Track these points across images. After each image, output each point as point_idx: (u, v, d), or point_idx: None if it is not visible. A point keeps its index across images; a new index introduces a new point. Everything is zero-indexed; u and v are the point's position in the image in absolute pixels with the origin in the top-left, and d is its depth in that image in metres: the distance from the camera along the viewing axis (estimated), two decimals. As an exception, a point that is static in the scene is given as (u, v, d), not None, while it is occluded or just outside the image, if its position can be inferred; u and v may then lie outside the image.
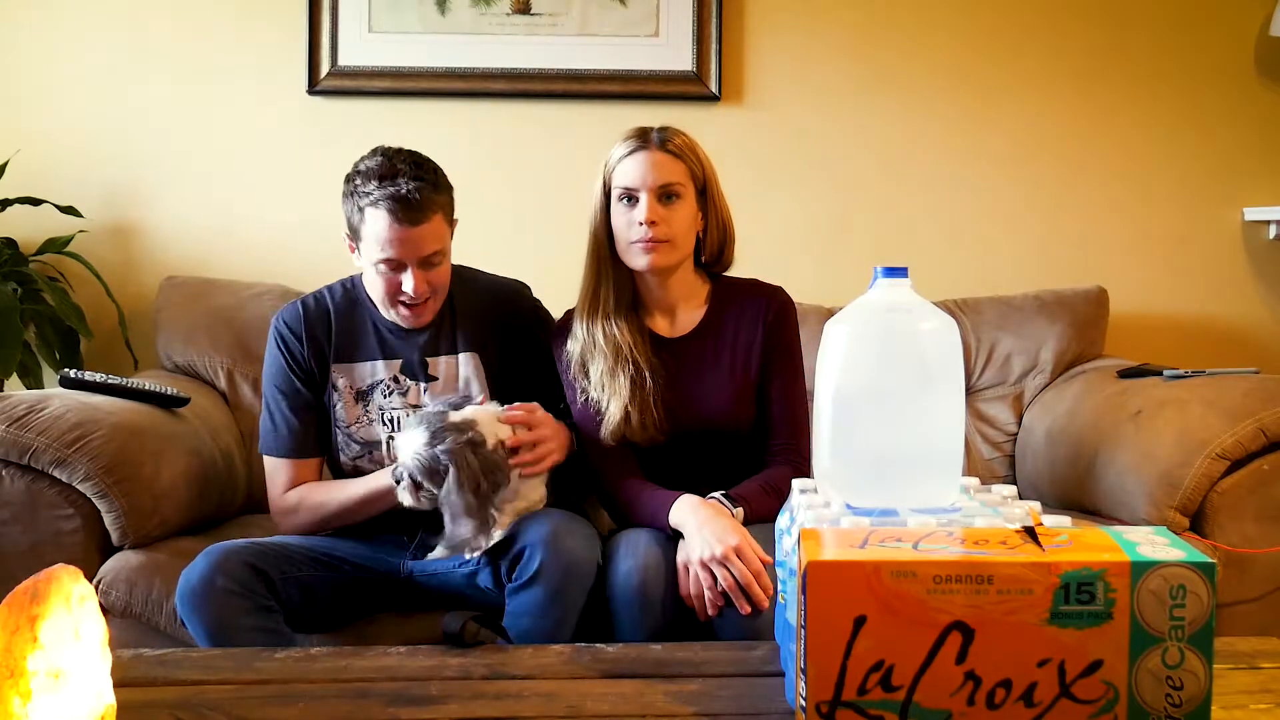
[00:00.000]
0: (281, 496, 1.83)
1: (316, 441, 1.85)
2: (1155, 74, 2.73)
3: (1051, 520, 1.05)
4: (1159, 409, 2.01)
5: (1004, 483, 1.52)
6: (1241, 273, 2.76)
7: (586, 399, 1.78)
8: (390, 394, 1.83)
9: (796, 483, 1.24)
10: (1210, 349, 2.71)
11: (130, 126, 2.66)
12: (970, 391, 2.44)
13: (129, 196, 2.67)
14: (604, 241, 1.78)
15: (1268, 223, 2.73)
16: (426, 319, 1.80)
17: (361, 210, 1.71)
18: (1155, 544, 0.96)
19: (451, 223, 1.79)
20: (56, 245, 2.56)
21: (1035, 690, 0.92)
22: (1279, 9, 2.62)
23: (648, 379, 1.75)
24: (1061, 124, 2.73)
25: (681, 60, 2.67)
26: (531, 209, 2.68)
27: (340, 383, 1.84)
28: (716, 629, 1.58)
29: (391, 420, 1.82)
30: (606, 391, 1.75)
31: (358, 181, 1.72)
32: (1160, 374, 2.16)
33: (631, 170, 1.73)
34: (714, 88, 2.67)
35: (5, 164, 2.54)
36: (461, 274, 1.89)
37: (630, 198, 1.74)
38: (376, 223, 1.69)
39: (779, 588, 1.22)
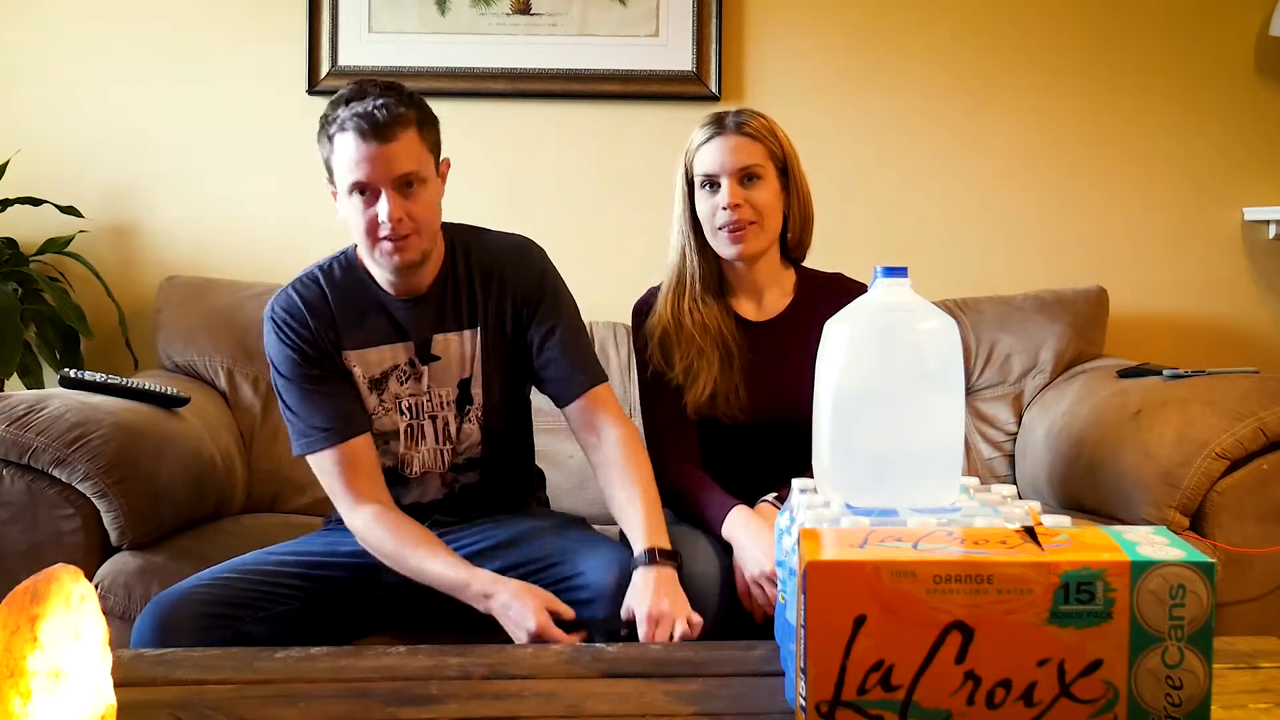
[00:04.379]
0: (350, 513, 1.64)
1: (350, 417, 1.67)
2: (1155, 74, 2.73)
3: (1051, 520, 1.05)
4: (1159, 409, 2.01)
5: (1004, 483, 1.52)
6: (1241, 273, 2.76)
7: (662, 377, 1.80)
8: (406, 380, 1.72)
9: (796, 483, 1.23)
10: (1210, 349, 2.71)
11: (130, 126, 2.66)
12: (970, 391, 2.44)
13: (129, 196, 2.67)
14: (689, 227, 1.82)
15: (1268, 222, 2.73)
16: (412, 255, 1.62)
17: (331, 140, 1.59)
18: (1155, 544, 0.96)
19: (433, 150, 1.65)
20: (56, 245, 2.56)
21: (1035, 690, 0.92)
22: (1279, 9, 2.62)
23: (735, 357, 1.78)
24: (1061, 123, 2.73)
25: (681, 60, 2.67)
26: (531, 208, 2.68)
27: (356, 371, 1.70)
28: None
29: (410, 408, 1.72)
30: (694, 369, 1.78)
31: (326, 111, 1.60)
32: (1160, 374, 2.16)
33: (710, 156, 1.77)
34: (714, 87, 2.67)
35: (5, 164, 2.54)
36: (463, 234, 1.77)
37: (712, 183, 1.77)
38: (344, 147, 1.57)
39: (780, 587, 1.22)
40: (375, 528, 1.63)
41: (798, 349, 1.81)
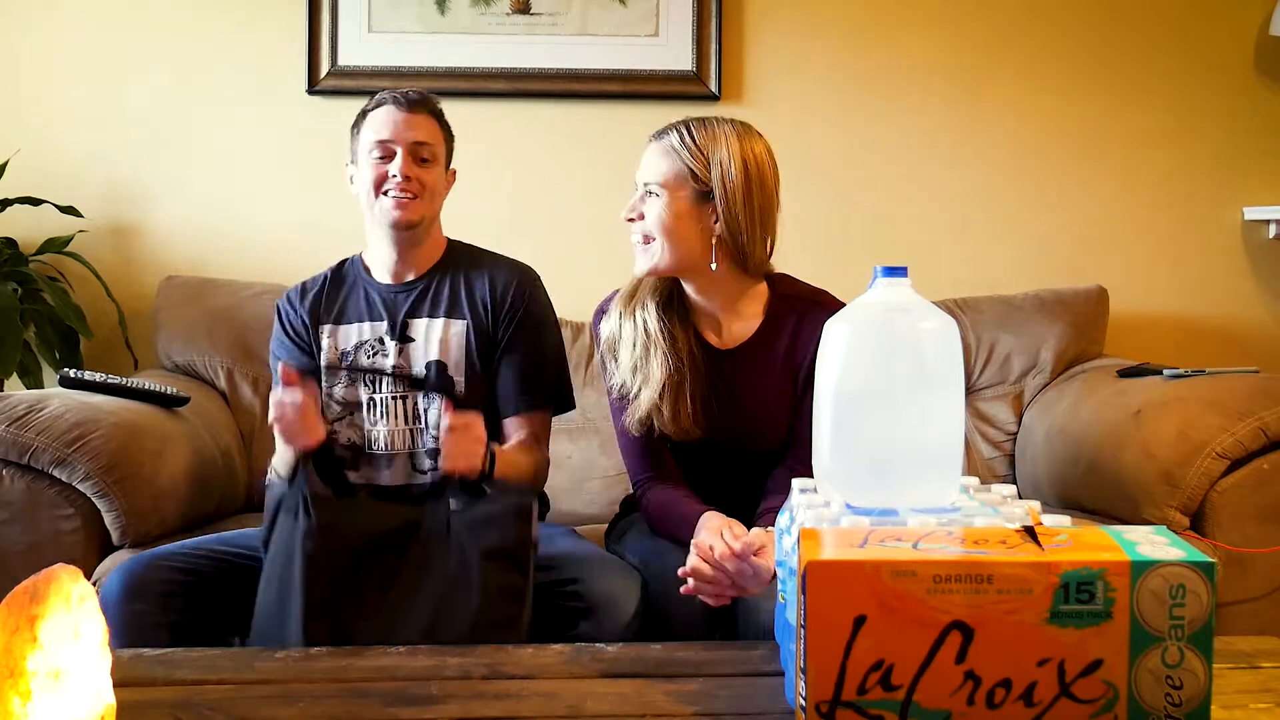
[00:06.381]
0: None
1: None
2: (1155, 73, 2.73)
3: (1051, 520, 1.05)
4: (1159, 408, 2.01)
5: (1004, 482, 1.52)
6: (1241, 272, 2.76)
7: (618, 384, 1.75)
8: (374, 355, 1.82)
9: (796, 483, 1.23)
10: (1210, 349, 2.71)
11: (130, 126, 2.66)
12: (970, 391, 2.44)
13: (129, 196, 2.67)
14: None
15: (1268, 222, 2.73)
16: (411, 215, 1.78)
17: (364, 115, 1.81)
18: (1155, 543, 0.96)
19: (446, 147, 1.85)
20: (56, 245, 2.56)
21: (1035, 690, 0.92)
22: (1279, 9, 2.62)
23: (686, 374, 1.68)
24: (1062, 123, 2.73)
25: (681, 60, 2.67)
26: (531, 209, 2.68)
27: (325, 343, 1.84)
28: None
29: (373, 382, 1.80)
30: (637, 377, 1.70)
31: (363, 104, 1.84)
32: (1160, 373, 2.16)
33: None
34: (714, 87, 2.67)
35: (5, 164, 2.54)
36: (465, 247, 1.91)
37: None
38: (375, 117, 1.80)
39: (779, 587, 1.22)
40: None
41: (759, 376, 1.72)
